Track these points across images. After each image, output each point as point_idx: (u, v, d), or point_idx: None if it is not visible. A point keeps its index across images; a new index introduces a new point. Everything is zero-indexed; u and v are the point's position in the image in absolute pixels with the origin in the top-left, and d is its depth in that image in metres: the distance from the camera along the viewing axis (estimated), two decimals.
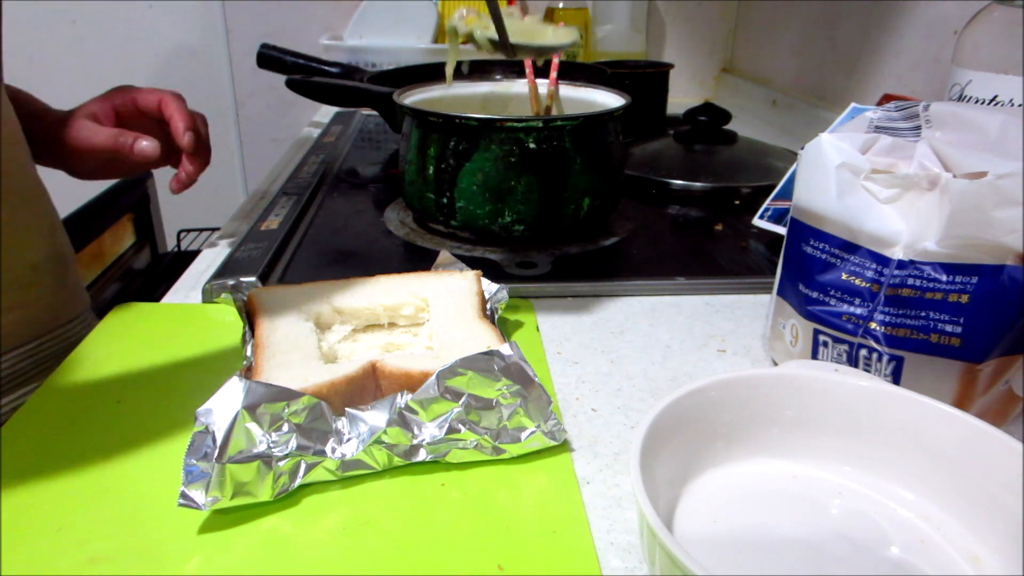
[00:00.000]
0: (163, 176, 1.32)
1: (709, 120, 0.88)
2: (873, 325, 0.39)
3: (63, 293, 0.60)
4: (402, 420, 0.36)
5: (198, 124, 0.62)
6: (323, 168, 0.88)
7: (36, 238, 0.57)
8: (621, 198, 0.71)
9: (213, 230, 1.08)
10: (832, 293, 0.41)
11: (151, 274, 1.18)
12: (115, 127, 0.61)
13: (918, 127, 0.41)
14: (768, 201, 0.67)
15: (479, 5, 0.55)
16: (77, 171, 0.64)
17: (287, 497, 0.35)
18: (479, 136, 0.60)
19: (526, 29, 0.55)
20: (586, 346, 0.50)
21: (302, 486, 0.36)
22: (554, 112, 0.75)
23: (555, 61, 0.75)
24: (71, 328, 0.60)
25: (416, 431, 0.37)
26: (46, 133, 0.61)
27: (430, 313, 0.47)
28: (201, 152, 0.62)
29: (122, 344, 0.49)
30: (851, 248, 0.40)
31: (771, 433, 0.36)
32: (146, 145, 0.59)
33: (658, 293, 0.58)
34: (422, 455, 0.37)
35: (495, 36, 0.53)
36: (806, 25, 1.18)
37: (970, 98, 0.55)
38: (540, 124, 0.60)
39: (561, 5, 1.33)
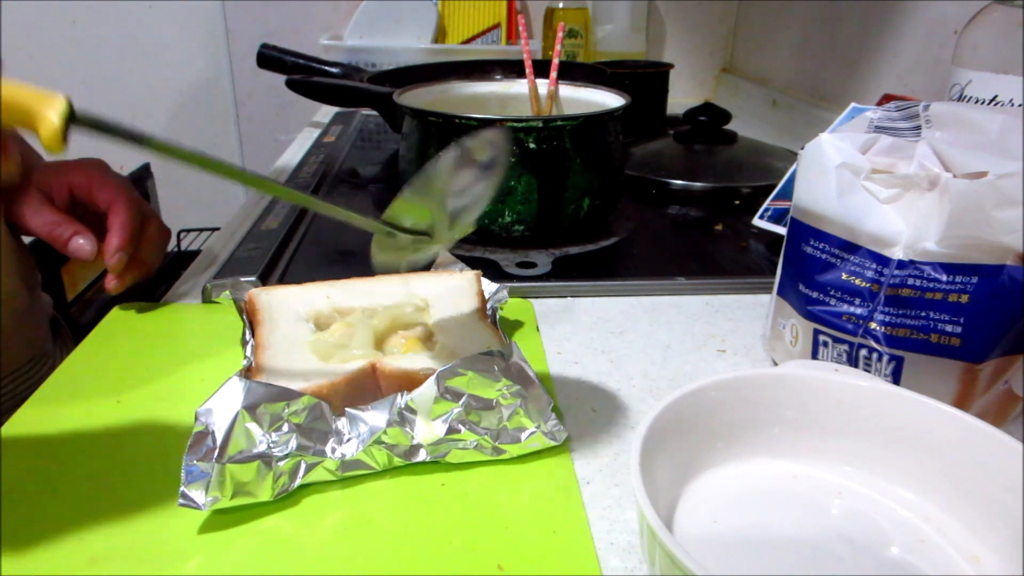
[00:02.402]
0: (163, 176, 1.32)
1: (709, 120, 0.88)
2: (873, 325, 0.39)
3: None
4: (402, 420, 0.36)
5: (147, 242, 0.56)
6: (323, 168, 0.88)
7: None
8: (621, 198, 0.71)
9: (213, 230, 1.08)
10: (832, 293, 0.41)
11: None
12: (67, 205, 0.56)
13: (918, 127, 0.41)
14: (768, 201, 0.67)
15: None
16: (14, 230, 0.59)
17: (287, 497, 0.35)
18: None
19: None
20: (586, 346, 0.50)
21: (302, 486, 0.36)
22: (554, 112, 0.75)
23: (555, 61, 0.75)
24: None
25: (416, 431, 0.37)
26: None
27: (430, 313, 0.47)
28: (133, 268, 0.55)
29: (122, 344, 0.49)
30: (851, 248, 0.40)
31: (771, 433, 0.36)
32: (82, 243, 0.53)
33: (658, 293, 0.58)
34: (422, 455, 0.37)
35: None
36: (806, 25, 1.18)
37: (970, 98, 0.55)
38: (540, 124, 0.60)
39: (561, 5, 1.33)
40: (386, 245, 0.39)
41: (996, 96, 0.53)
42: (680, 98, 1.39)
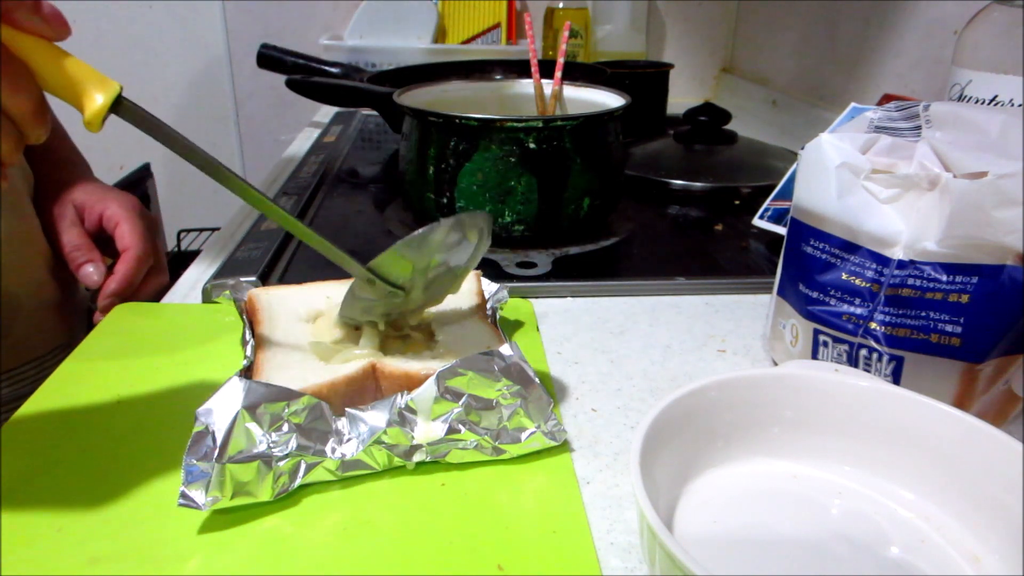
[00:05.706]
0: (163, 176, 1.32)
1: (709, 120, 0.88)
2: (873, 325, 0.39)
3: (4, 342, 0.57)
4: (402, 420, 0.36)
5: (143, 290, 0.61)
6: (323, 168, 0.88)
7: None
8: (621, 198, 0.71)
9: (213, 230, 1.08)
10: (832, 293, 0.41)
11: None
12: (95, 228, 0.62)
13: (918, 127, 0.41)
14: (768, 201, 0.67)
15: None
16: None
17: (287, 497, 0.35)
18: (479, 136, 0.60)
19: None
20: (586, 346, 0.50)
21: (302, 486, 0.36)
22: (556, 112, 0.75)
23: (560, 61, 0.75)
24: None
25: (416, 431, 0.37)
26: (49, 184, 0.62)
27: (431, 313, 0.47)
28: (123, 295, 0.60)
29: (122, 344, 0.49)
30: (851, 248, 0.40)
31: (771, 433, 0.36)
32: (91, 272, 0.59)
33: (658, 293, 0.58)
34: (422, 455, 0.37)
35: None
36: (806, 25, 1.18)
37: (970, 98, 0.55)
38: (540, 124, 0.60)
39: (561, 5, 1.33)
40: (362, 290, 0.41)
41: (996, 96, 0.53)
42: (680, 98, 1.39)
